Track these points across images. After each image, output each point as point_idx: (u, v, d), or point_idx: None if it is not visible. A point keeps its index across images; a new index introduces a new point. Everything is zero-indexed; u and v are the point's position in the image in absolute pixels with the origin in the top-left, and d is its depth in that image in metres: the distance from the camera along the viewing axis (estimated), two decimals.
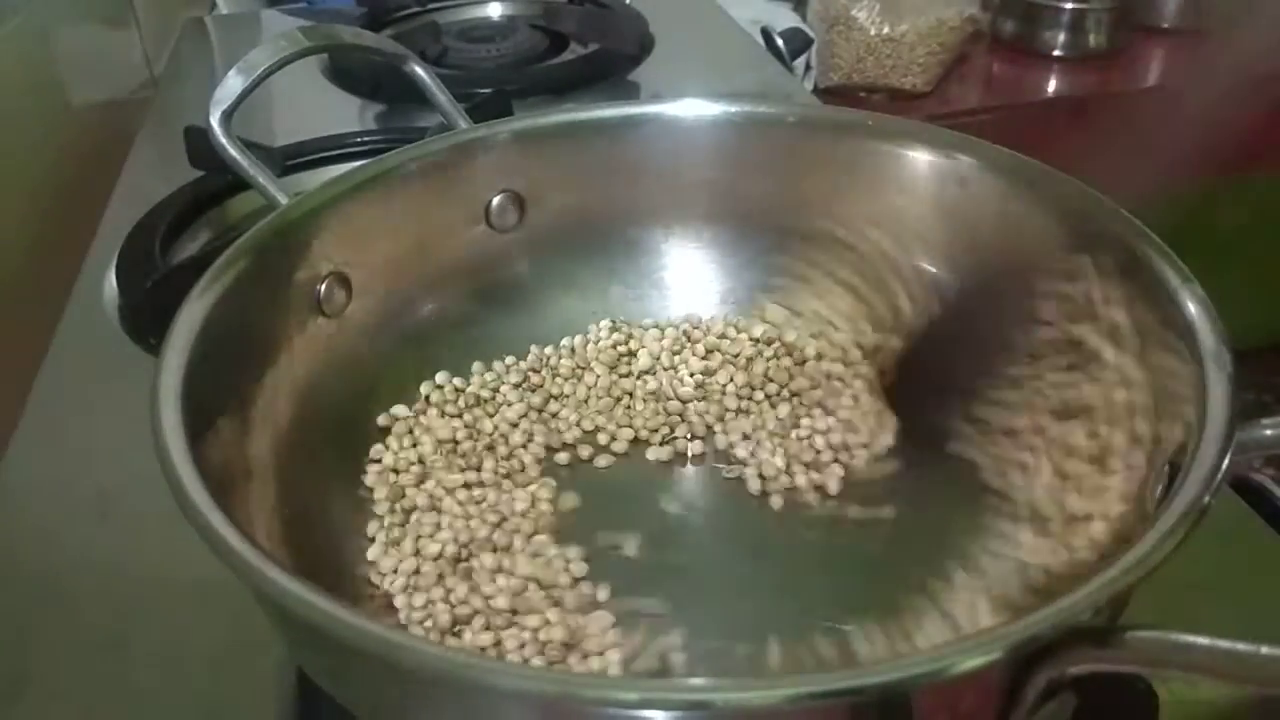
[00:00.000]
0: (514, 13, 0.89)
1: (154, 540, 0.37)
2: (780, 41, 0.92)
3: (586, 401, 0.42)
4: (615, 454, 0.41)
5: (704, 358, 0.44)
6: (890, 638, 0.32)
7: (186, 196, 0.60)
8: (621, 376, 0.43)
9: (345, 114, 0.74)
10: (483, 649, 0.33)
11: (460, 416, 0.41)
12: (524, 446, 0.40)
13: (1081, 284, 0.36)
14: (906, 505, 0.38)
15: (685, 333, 0.45)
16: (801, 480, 0.39)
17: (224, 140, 0.39)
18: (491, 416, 0.41)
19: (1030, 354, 0.37)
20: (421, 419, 0.41)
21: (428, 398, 0.42)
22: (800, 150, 0.44)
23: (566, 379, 0.43)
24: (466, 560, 0.35)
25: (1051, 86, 1.03)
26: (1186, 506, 0.25)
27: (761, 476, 0.39)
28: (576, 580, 0.35)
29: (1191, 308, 0.31)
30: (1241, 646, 0.21)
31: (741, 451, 0.40)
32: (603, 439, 0.41)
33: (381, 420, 0.40)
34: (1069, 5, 1.03)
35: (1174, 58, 1.06)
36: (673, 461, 0.40)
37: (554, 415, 0.42)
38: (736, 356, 0.44)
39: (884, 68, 0.98)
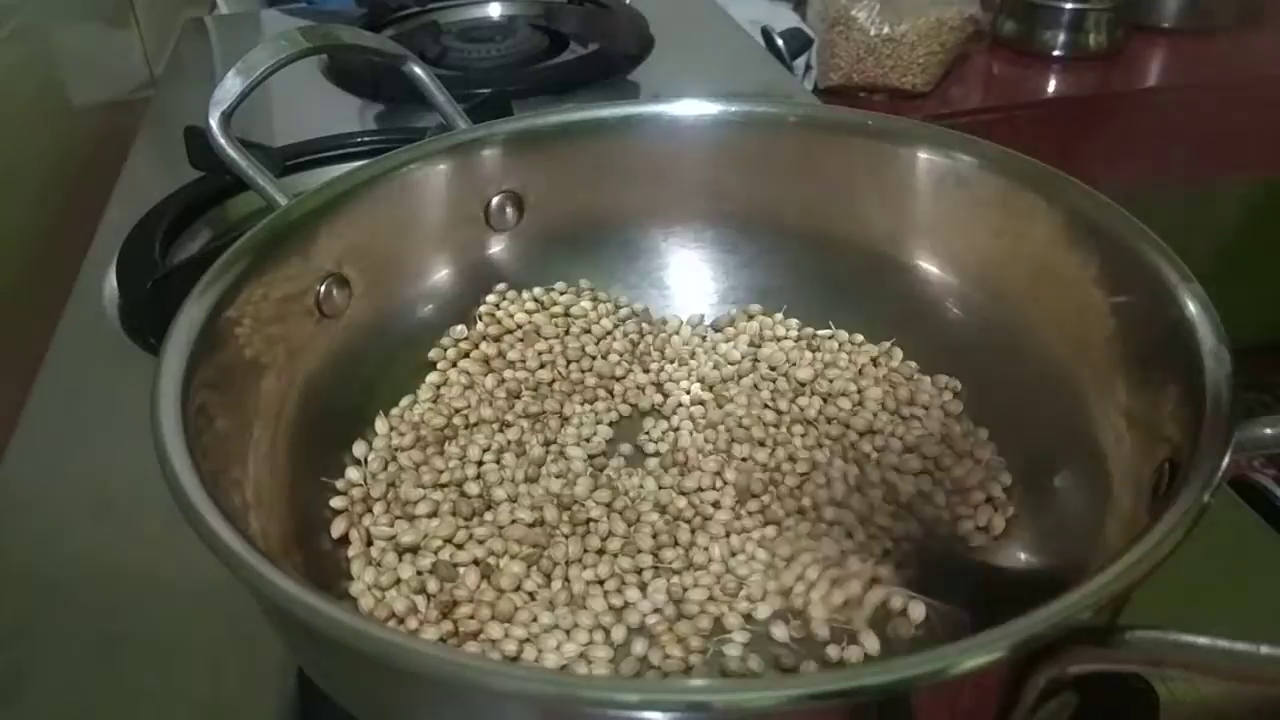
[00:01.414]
0: (514, 13, 0.89)
1: (154, 540, 0.37)
2: (780, 41, 0.92)
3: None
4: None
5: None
6: None
7: (186, 196, 0.60)
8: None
9: (345, 114, 0.74)
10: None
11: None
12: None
13: None
14: None
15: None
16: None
17: (223, 141, 0.39)
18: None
19: None
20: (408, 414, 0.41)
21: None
22: (800, 150, 0.44)
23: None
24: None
25: (1051, 86, 1.03)
26: (1186, 506, 0.25)
27: None
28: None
29: (1191, 307, 0.31)
30: (1241, 646, 0.21)
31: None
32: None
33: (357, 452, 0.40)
34: (1069, 5, 1.03)
35: (1174, 58, 1.06)
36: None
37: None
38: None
39: (884, 68, 0.98)
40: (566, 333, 0.44)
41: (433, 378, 0.42)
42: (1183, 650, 0.22)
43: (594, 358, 0.44)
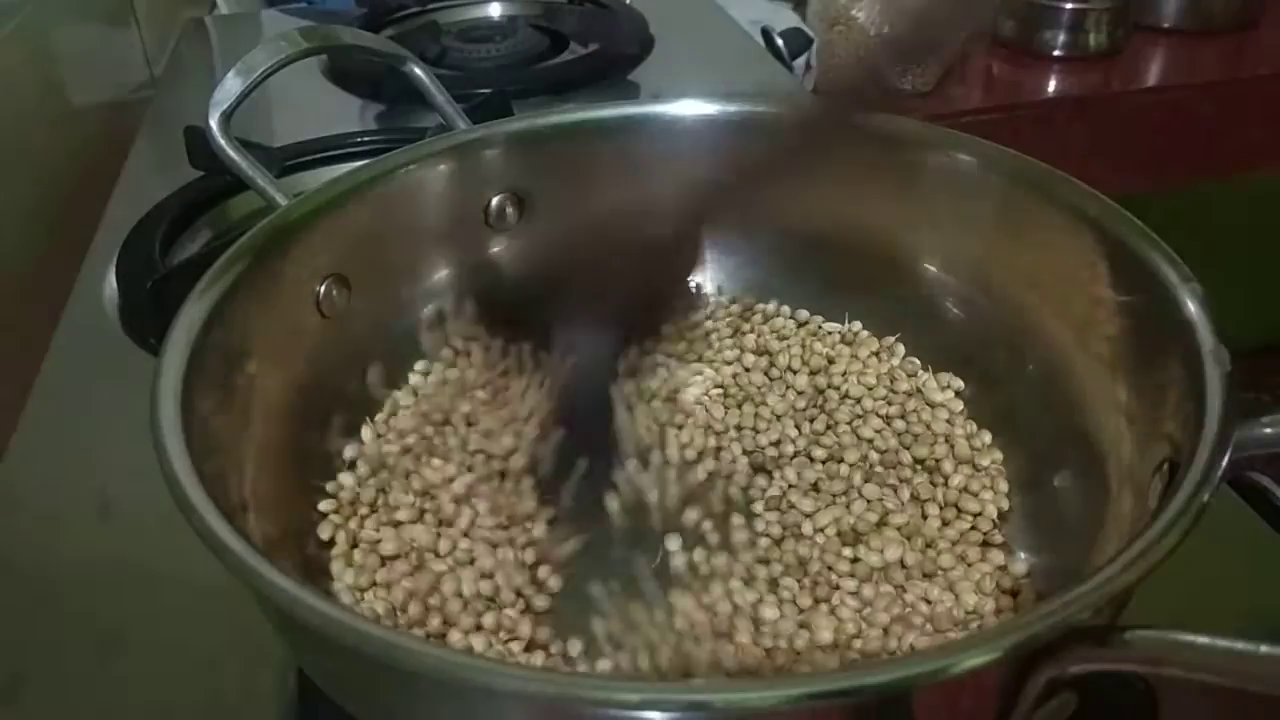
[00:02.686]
0: (514, 13, 0.89)
1: (154, 540, 0.37)
2: (780, 41, 0.92)
3: None
4: None
5: None
6: None
7: (186, 196, 0.60)
8: None
9: (345, 114, 0.74)
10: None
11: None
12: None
13: None
14: None
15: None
16: None
17: (223, 141, 0.39)
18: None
19: None
20: (391, 420, 0.41)
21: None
22: (800, 150, 0.44)
23: None
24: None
25: (1051, 86, 1.03)
26: (1185, 505, 0.25)
27: None
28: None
29: (1190, 306, 0.31)
30: (1241, 646, 0.21)
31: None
32: None
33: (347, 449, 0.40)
34: (1069, 5, 1.03)
35: (1174, 58, 1.06)
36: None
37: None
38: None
39: (884, 68, 0.98)
40: None
41: (415, 380, 0.42)
42: (1183, 650, 0.22)
43: None
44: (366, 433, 0.40)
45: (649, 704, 0.22)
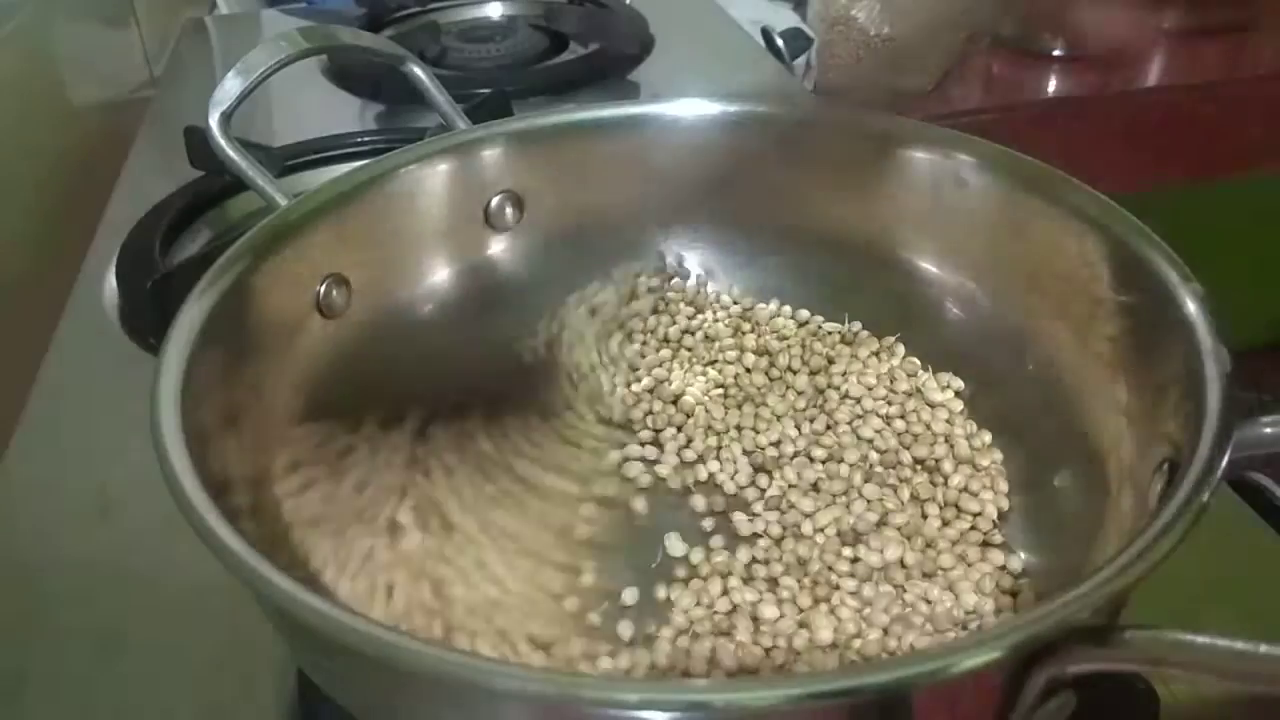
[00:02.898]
0: (514, 13, 0.89)
1: (154, 540, 0.37)
2: (780, 41, 0.92)
3: None
4: None
5: None
6: None
7: (186, 196, 0.60)
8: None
9: (345, 114, 0.74)
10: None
11: None
12: None
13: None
14: None
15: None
16: None
17: (223, 142, 0.39)
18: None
19: None
20: None
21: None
22: (800, 150, 0.44)
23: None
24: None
25: (1051, 86, 1.03)
26: (1185, 505, 0.25)
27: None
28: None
29: (1190, 306, 0.31)
30: (1241, 645, 0.21)
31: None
32: None
33: None
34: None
35: (1174, 58, 1.06)
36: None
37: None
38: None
39: (884, 68, 0.98)
40: None
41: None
42: (1182, 650, 0.22)
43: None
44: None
45: (649, 704, 0.22)
